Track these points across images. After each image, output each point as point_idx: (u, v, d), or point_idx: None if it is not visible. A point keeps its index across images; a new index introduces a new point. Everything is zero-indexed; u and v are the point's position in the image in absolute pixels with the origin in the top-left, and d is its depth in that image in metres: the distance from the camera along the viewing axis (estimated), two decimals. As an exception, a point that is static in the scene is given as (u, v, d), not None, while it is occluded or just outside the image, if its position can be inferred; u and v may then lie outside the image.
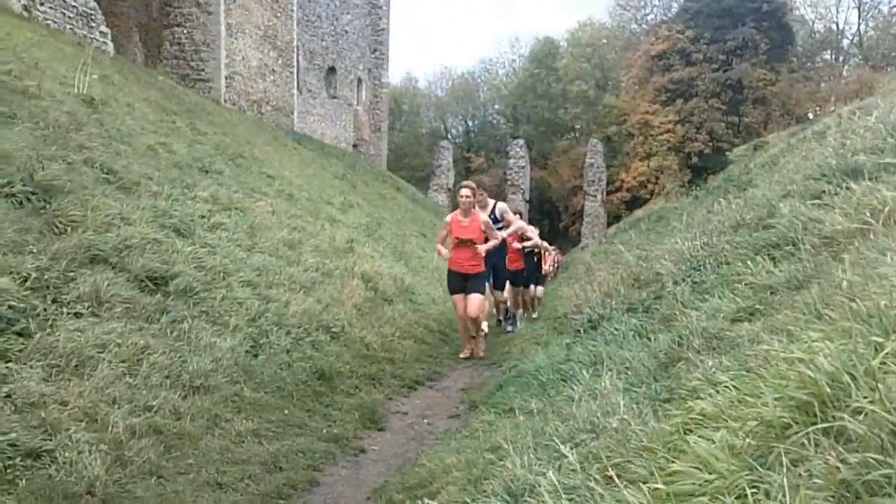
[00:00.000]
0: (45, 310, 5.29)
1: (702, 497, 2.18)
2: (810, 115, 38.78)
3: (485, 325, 10.28)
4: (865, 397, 2.09)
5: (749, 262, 4.87)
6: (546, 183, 47.68)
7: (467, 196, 8.95)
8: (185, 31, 21.66)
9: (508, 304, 11.65)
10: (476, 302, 8.83)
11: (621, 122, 46.54)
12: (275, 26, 25.54)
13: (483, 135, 57.89)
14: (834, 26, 51.59)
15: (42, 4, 14.40)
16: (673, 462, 2.44)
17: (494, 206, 10.25)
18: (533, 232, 12.99)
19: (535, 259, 12.90)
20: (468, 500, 3.28)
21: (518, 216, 11.37)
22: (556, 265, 20.76)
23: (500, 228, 9.92)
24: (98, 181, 7.92)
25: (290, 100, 27.14)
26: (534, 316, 12.55)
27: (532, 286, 12.77)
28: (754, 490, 2.06)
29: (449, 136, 56.20)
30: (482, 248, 8.86)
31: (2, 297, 5.02)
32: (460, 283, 8.96)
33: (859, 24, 50.54)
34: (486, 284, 9.90)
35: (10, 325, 4.92)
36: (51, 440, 4.20)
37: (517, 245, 11.31)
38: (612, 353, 4.91)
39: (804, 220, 4.93)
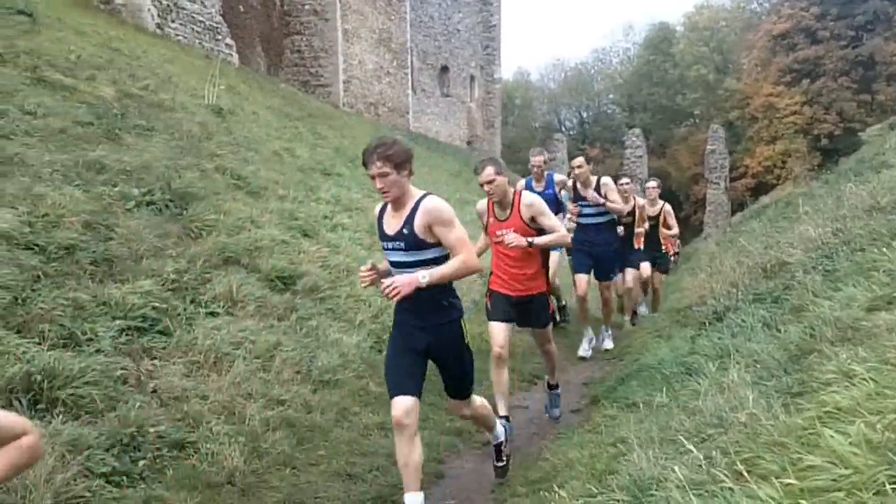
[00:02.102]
0: (184, 309, 5.64)
1: (837, 492, 2.12)
2: (952, 90, 36.22)
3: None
4: None
5: (885, 249, 4.63)
6: (665, 172, 46.32)
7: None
8: (304, 39, 22.35)
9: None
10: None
11: (743, 105, 44.84)
12: (389, 29, 26.00)
13: (598, 126, 56.93)
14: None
15: (173, 21, 15.22)
16: (806, 457, 2.38)
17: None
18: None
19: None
20: (594, 490, 3.28)
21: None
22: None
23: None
24: (229, 187, 8.33)
25: (405, 100, 27.56)
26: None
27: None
28: (894, 485, 1.99)
29: (563, 129, 55.60)
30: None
31: (146, 298, 5.37)
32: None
33: None
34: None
35: (154, 325, 5.27)
36: (193, 432, 4.49)
37: (513, 240, 5.21)
38: (739, 346, 4.76)
39: (946, 203, 4.66)
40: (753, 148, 43.05)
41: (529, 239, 5.28)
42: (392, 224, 4.03)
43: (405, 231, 3.95)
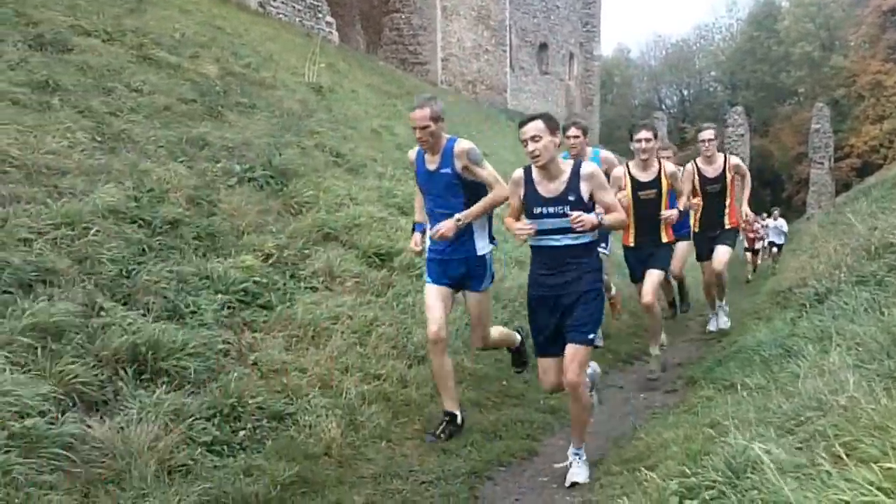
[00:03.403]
0: (284, 284, 5.75)
1: (940, 478, 2.02)
2: None
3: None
4: None
5: None
6: (767, 151, 44.99)
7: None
8: (402, 17, 22.46)
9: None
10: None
11: (849, 83, 43.04)
12: (488, 6, 25.84)
13: (699, 103, 55.54)
14: None
15: (275, 0, 15.52)
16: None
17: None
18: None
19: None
20: (689, 471, 3.21)
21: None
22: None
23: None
24: (328, 164, 8.44)
25: (503, 78, 27.39)
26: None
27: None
28: None
29: (663, 107, 54.40)
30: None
31: (247, 273, 5.50)
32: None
33: None
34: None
35: (255, 299, 5.39)
36: (292, 404, 4.57)
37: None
38: (840, 328, 4.57)
39: None
40: (859, 127, 41.37)
41: None
42: None
43: None
